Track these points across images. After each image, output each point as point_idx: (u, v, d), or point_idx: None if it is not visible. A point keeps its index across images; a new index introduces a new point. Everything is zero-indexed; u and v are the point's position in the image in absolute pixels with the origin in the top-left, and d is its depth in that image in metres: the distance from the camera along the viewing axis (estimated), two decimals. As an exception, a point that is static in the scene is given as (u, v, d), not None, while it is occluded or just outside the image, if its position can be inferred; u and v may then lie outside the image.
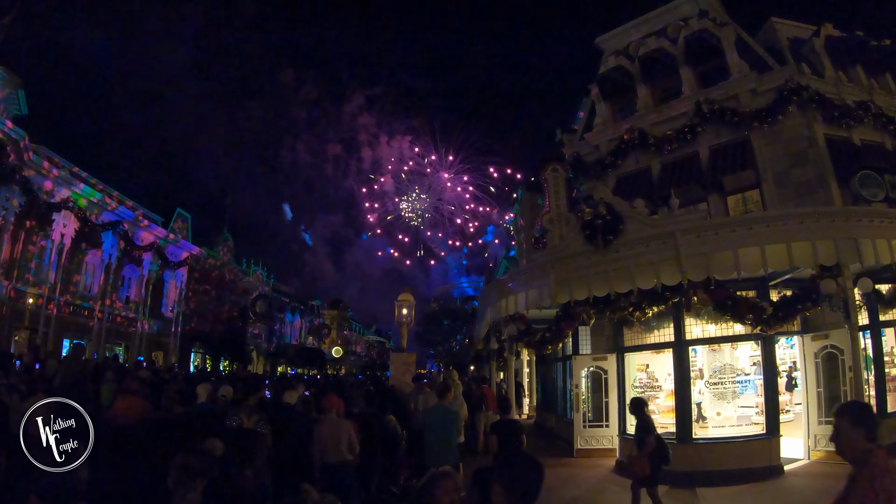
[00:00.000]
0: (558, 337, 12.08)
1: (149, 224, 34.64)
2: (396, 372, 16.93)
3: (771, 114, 14.91)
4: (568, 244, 11.84)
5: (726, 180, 15.52)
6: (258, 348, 51.03)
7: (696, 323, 12.08)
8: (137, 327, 33.86)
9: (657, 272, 10.26)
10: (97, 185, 29.85)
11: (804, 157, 14.53)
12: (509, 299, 13.14)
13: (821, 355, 11.62)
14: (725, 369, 12.20)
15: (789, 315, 9.94)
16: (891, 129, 15.35)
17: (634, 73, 18.10)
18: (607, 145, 18.08)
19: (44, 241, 26.21)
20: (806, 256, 9.58)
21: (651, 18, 18.91)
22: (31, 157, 24.40)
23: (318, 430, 7.75)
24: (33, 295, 25.03)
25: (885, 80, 16.70)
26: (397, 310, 18.27)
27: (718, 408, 12.06)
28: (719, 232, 10.20)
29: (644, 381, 13.24)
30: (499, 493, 2.75)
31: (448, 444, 8.13)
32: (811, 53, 16.44)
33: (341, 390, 13.84)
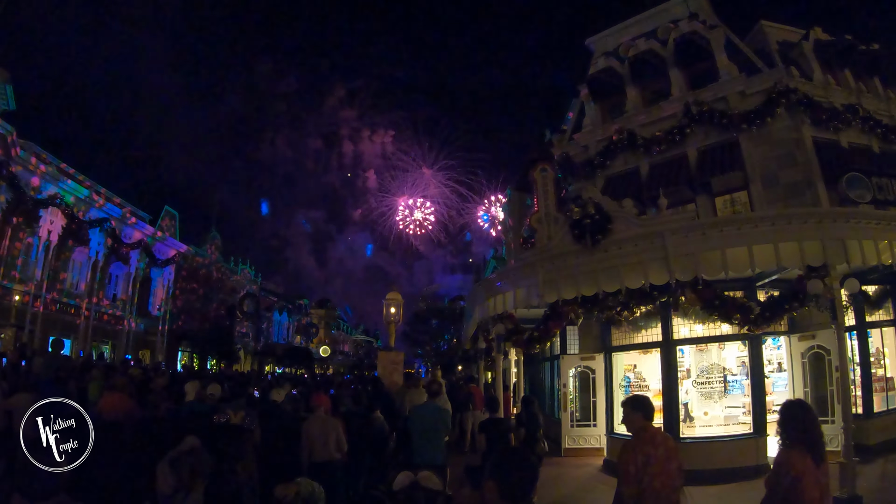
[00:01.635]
0: (546, 336, 12.08)
1: (136, 221, 34.36)
2: (384, 371, 16.92)
3: (759, 116, 14.99)
4: (556, 243, 11.85)
5: (714, 181, 15.61)
6: (246, 347, 50.76)
7: (683, 323, 12.15)
8: (124, 325, 33.56)
9: (645, 271, 10.30)
10: (85, 181, 29.57)
11: (792, 158, 14.62)
12: (497, 298, 13.14)
13: (808, 355, 11.71)
14: (713, 369, 12.26)
15: (776, 315, 9.99)
16: (878, 132, 15.48)
17: (624, 75, 18.17)
18: (596, 146, 18.14)
19: (30, 238, 25.91)
20: (793, 257, 9.63)
21: (641, 20, 19.02)
22: (18, 152, 24.16)
23: (306, 429, 7.74)
24: (19, 292, 24.77)
25: (873, 84, 16.85)
26: (385, 308, 18.25)
27: (706, 407, 12.12)
28: (707, 232, 10.24)
29: (632, 382, 13.29)
30: (492, 490, 2.73)
31: (436, 443, 8.13)
32: (800, 57, 16.56)
33: (329, 389, 13.83)
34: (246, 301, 48.86)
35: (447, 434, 8.73)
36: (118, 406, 8.19)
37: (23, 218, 24.80)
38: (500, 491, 2.71)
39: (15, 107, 24.18)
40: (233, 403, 9.17)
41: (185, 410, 8.64)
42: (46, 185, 26.21)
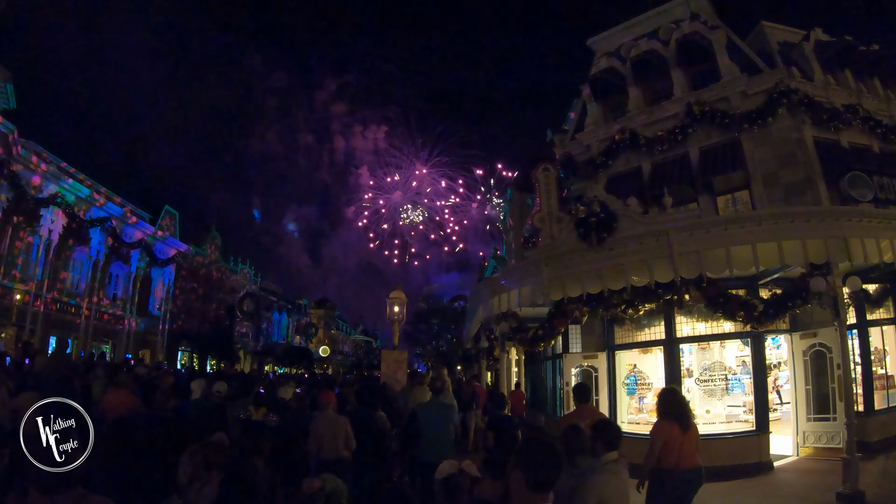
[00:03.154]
0: (551, 334, 12.14)
1: (137, 221, 34.37)
2: (388, 370, 16.91)
3: (761, 116, 15.05)
4: (561, 241, 11.90)
5: (716, 181, 15.67)
6: (245, 347, 50.77)
7: (686, 321, 12.21)
8: (124, 325, 33.57)
9: (650, 269, 10.35)
10: (85, 181, 29.57)
11: (793, 158, 14.68)
12: (502, 297, 13.18)
13: (809, 353, 11.80)
14: (715, 367, 12.32)
15: (779, 312, 10.06)
16: (878, 132, 15.56)
17: (626, 75, 18.22)
18: (598, 145, 18.19)
19: (31, 237, 25.93)
20: (796, 255, 9.70)
21: (643, 21, 19.05)
22: (19, 151, 24.17)
23: (315, 426, 7.78)
24: (20, 291, 24.74)
25: (873, 84, 16.93)
26: (388, 307, 18.22)
27: (708, 405, 12.17)
28: (711, 230, 10.31)
29: (638, 381, 13.33)
30: (518, 480, 2.78)
31: (444, 439, 8.17)
32: (801, 57, 16.63)
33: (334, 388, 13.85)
34: (246, 301, 48.88)
35: (454, 429, 8.77)
36: (122, 404, 8.21)
37: (23, 217, 24.74)
38: (527, 480, 2.76)
39: (16, 105, 24.15)
40: (240, 401, 9.24)
41: (193, 407, 8.67)
42: (47, 184, 26.22)
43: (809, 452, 11.48)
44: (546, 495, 2.83)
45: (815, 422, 11.60)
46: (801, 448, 11.65)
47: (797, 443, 11.74)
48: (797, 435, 11.80)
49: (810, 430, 11.61)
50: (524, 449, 2.97)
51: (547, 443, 3.09)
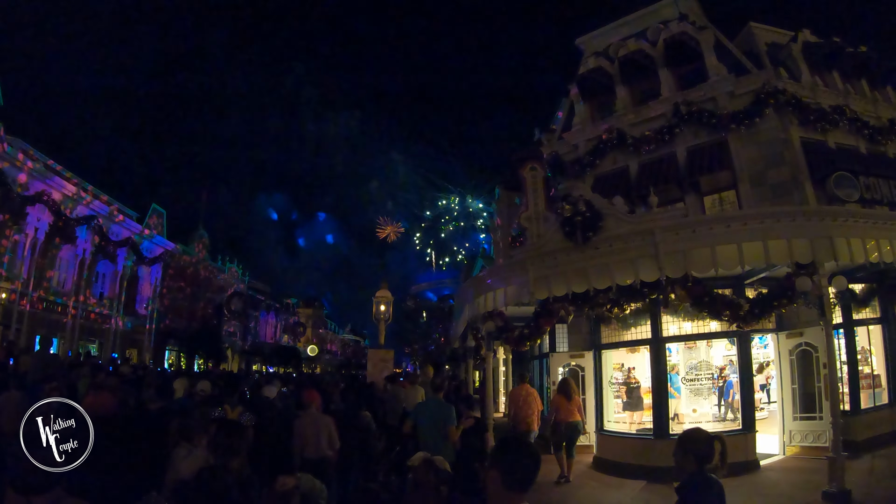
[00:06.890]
0: (537, 333, 12.09)
1: (124, 219, 34.23)
2: (374, 369, 16.86)
3: (748, 116, 15.09)
4: (547, 241, 11.85)
5: (703, 181, 15.71)
6: (233, 346, 50.61)
7: (672, 320, 12.19)
8: (111, 324, 33.38)
9: (636, 268, 10.31)
10: (72, 178, 29.45)
11: (780, 158, 14.72)
12: (487, 296, 13.11)
13: (795, 352, 11.82)
14: (701, 366, 12.33)
15: (765, 312, 10.03)
16: (865, 133, 15.64)
17: (614, 74, 18.23)
18: (586, 145, 18.20)
19: (17, 236, 25.75)
20: (782, 254, 9.68)
21: (631, 21, 19.09)
22: (5, 148, 24.02)
23: (298, 425, 7.74)
24: (5, 290, 24.59)
25: (860, 86, 17.01)
26: (375, 306, 18.18)
27: (694, 404, 12.18)
28: (697, 229, 10.27)
29: (620, 379, 13.33)
30: (495, 479, 2.73)
31: (442, 437, 8.08)
32: (788, 58, 16.68)
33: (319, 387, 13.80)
34: (233, 300, 48.68)
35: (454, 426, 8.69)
36: (102, 405, 8.13)
37: (9, 215, 24.59)
38: (503, 479, 2.71)
39: (2, 103, 24.03)
40: (225, 401, 9.16)
41: (175, 406, 8.60)
42: (34, 182, 26.04)
43: (796, 451, 11.51)
44: (524, 495, 2.78)
45: (802, 421, 11.63)
46: (787, 447, 11.67)
47: (783, 442, 11.76)
48: (783, 434, 11.82)
49: (797, 429, 11.63)
50: (500, 448, 2.92)
51: (524, 441, 3.04)
